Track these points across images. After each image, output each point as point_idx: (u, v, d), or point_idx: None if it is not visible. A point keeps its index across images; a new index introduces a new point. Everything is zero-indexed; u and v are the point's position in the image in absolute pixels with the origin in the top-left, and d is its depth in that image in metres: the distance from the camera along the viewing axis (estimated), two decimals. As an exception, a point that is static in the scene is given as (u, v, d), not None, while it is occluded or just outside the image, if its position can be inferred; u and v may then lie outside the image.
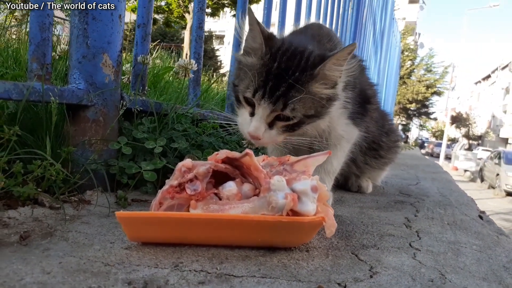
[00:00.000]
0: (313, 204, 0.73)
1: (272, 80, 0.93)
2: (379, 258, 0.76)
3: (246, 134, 1.00)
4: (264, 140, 0.99)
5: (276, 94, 0.93)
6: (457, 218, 1.18)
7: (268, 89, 0.93)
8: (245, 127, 0.99)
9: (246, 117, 1.00)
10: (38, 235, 0.75)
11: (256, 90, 0.95)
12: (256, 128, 0.96)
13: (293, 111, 0.95)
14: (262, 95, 0.94)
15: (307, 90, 0.94)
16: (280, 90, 0.93)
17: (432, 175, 2.53)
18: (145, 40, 1.38)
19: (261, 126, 0.96)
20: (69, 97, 1.06)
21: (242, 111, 1.02)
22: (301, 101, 0.94)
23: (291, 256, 0.73)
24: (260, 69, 0.96)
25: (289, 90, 0.93)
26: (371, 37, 5.56)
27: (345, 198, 1.38)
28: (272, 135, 0.99)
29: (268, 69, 0.95)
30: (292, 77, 0.93)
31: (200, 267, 0.65)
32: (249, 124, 0.98)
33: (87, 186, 1.08)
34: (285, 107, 0.94)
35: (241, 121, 1.02)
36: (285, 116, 0.96)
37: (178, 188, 0.77)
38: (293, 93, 0.93)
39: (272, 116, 0.97)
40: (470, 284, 0.67)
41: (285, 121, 0.97)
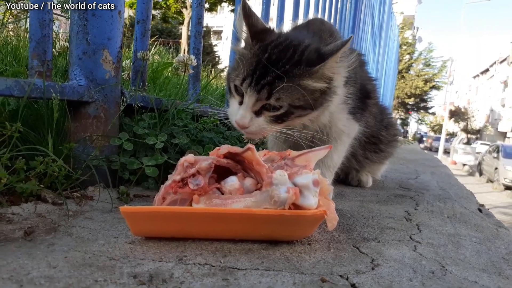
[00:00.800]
0: (315, 198, 0.74)
1: (260, 70, 0.95)
2: (380, 251, 0.77)
3: (234, 123, 1.00)
4: (252, 129, 0.99)
5: (262, 83, 0.94)
6: (456, 211, 1.19)
7: (255, 78, 0.95)
8: (233, 117, 1.00)
9: (235, 106, 1.01)
10: (42, 231, 0.76)
11: (244, 79, 0.96)
12: (242, 116, 0.97)
13: (278, 100, 0.95)
14: (249, 83, 0.95)
15: (295, 82, 0.95)
16: (266, 79, 0.94)
17: (431, 169, 2.54)
18: (145, 36, 1.38)
19: (247, 114, 0.97)
20: (70, 93, 1.06)
21: (232, 101, 1.03)
22: (287, 91, 0.95)
23: (293, 249, 0.74)
24: (251, 59, 0.98)
25: (276, 80, 0.94)
26: (370, 31, 5.55)
27: (346, 192, 1.39)
28: (259, 123, 0.99)
29: (258, 60, 0.97)
30: (282, 68, 0.94)
31: (204, 260, 0.66)
32: (236, 113, 0.99)
33: (89, 182, 1.08)
34: (269, 96, 0.95)
35: (230, 111, 1.03)
36: (271, 106, 0.97)
37: (180, 183, 0.77)
38: (279, 83, 0.94)
39: (259, 105, 0.97)
40: (470, 275, 0.68)
41: (272, 111, 0.98)
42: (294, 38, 1.02)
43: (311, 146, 1.19)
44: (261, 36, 1.01)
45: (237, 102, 1.01)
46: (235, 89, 1.01)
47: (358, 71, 1.25)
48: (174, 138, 1.26)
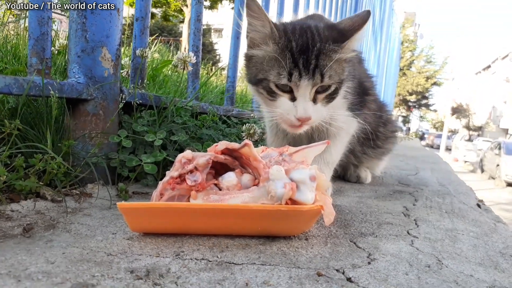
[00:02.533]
0: (312, 193, 0.74)
1: (301, 58, 0.94)
2: (377, 246, 0.77)
3: (294, 120, 0.97)
4: (314, 118, 0.98)
5: (311, 68, 0.94)
6: (455, 207, 1.19)
7: (301, 67, 0.94)
8: (291, 114, 0.97)
9: (287, 104, 0.98)
10: (41, 227, 0.76)
11: (291, 73, 0.94)
12: (305, 109, 0.96)
13: (331, 78, 0.97)
14: (298, 75, 0.94)
15: (334, 57, 0.96)
16: (312, 64, 0.94)
17: (432, 165, 2.54)
18: (144, 34, 1.39)
19: (308, 105, 0.97)
20: (69, 91, 1.07)
21: (280, 101, 0.99)
22: (332, 67, 0.97)
23: (290, 244, 0.75)
24: (282, 53, 0.96)
25: (319, 61, 0.95)
26: (370, 28, 5.54)
27: (344, 188, 1.39)
28: (319, 110, 1.00)
29: (290, 50, 0.95)
30: (315, 49, 0.95)
31: (201, 255, 0.66)
32: (294, 109, 0.97)
33: (88, 179, 1.09)
34: (323, 77, 0.95)
35: (283, 111, 0.99)
36: (324, 87, 0.98)
37: (178, 179, 0.78)
38: (324, 62, 0.95)
39: (313, 92, 0.97)
40: (466, 269, 0.68)
41: (324, 91, 0.99)
42: (300, 23, 1.04)
43: (310, 142, 1.20)
44: (278, 28, 0.99)
45: (287, 100, 0.98)
46: (278, 88, 0.98)
47: (357, 68, 1.25)
48: (173, 135, 1.26)
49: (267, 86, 0.99)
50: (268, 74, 0.98)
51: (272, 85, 0.98)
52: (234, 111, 1.94)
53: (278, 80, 0.96)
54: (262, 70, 1.00)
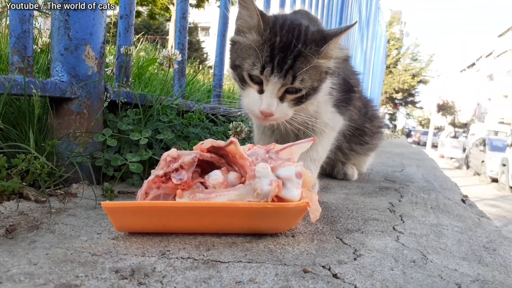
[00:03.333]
0: (298, 190, 0.74)
1: (279, 54, 0.94)
2: (363, 242, 0.77)
3: (257, 112, 0.98)
4: (277, 115, 0.98)
5: (285, 68, 0.94)
6: (440, 202, 1.21)
7: (276, 64, 0.94)
8: (255, 106, 0.98)
9: (254, 95, 0.99)
10: (24, 228, 0.75)
11: (264, 66, 0.95)
12: (268, 105, 0.96)
13: (302, 82, 0.96)
14: (271, 70, 0.94)
15: (312, 62, 0.96)
16: (288, 63, 0.94)
17: (417, 162, 2.57)
18: (128, 31, 1.37)
19: (273, 101, 0.97)
20: (52, 89, 1.05)
21: (249, 91, 1.00)
22: (308, 72, 0.96)
23: (277, 241, 0.75)
24: (263, 45, 0.96)
25: (296, 63, 0.94)
26: (357, 26, 5.57)
27: (331, 185, 1.40)
28: (284, 109, 0.99)
29: (271, 44, 0.95)
30: (296, 50, 0.95)
31: (187, 254, 0.66)
32: (259, 102, 0.97)
33: (73, 179, 1.07)
34: (294, 79, 0.95)
35: (249, 101, 1.01)
36: (294, 89, 0.98)
37: (164, 178, 0.77)
38: (300, 65, 0.95)
39: (282, 91, 0.97)
40: (451, 263, 0.69)
41: (294, 93, 0.99)
42: (293, 19, 1.03)
43: (297, 139, 1.20)
44: (266, 18, 0.99)
45: (255, 91, 0.99)
46: (250, 78, 0.99)
47: (342, 65, 1.26)
48: (159, 133, 1.25)
49: (240, 73, 1.00)
50: (244, 62, 0.98)
51: (245, 73, 0.99)
52: (221, 109, 1.94)
53: (250, 70, 0.97)
54: (240, 57, 1.00)
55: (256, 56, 0.96)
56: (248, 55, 0.98)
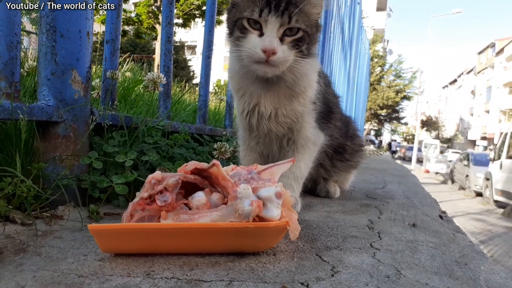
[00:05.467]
0: (278, 209, 0.77)
1: (274, 0, 1.05)
2: (341, 258, 0.80)
3: (260, 53, 1.04)
4: (280, 54, 1.04)
5: (280, 9, 1.04)
6: (418, 219, 1.25)
7: (272, 6, 1.04)
8: (257, 47, 1.04)
9: (255, 39, 1.06)
10: (11, 252, 0.76)
11: (262, 10, 1.04)
12: (270, 42, 1.03)
13: (298, 21, 1.06)
14: (268, 11, 1.04)
15: (302, 5, 1.07)
16: (282, 6, 1.05)
17: (399, 178, 2.63)
18: (114, 56, 1.41)
19: (274, 39, 1.04)
20: (39, 114, 1.07)
21: (249, 38, 1.07)
22: (300, 14, 1.07)
23: (258, 260, 0.77)
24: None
25: (289, 6, 1.05)
26: (340, 45, 5.69)
27: (314, 203, 1.43)
28: (284, 50, 1.06)
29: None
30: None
31: (171, 274, 0.68)
32: (261, 42, 1.04)
33: (59, 201, 1.09)
34: (290, 19, 1.05)
35: (250, 46, 1.06)
36: (291, 30, 1.07)
37: (148, 200, 0.80)
38: (293, 8, 1.06)
39: (281, 32, 1.06)
40: (423, 278, 0.72)
41: (292, 35, 1.07)
42: None
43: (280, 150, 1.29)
44: None
45: (255, 36, 1.06)
46: (249, 24, 1.07)
47: (325, 89, 1.33)
48: (144, 155, 1.28)
49: (240, 24, 1.08)
50: (243, 12, 1.08)
51: (244, 21, 1.07)
52: (207, 129, 1.97)
53: (250, 15, 1.06)
54: (238, 11, 1.11)
55: (254, 4, 1.06)
56: (247, 6, 1.08)
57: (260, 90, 1.19)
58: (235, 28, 1.11)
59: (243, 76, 1.19)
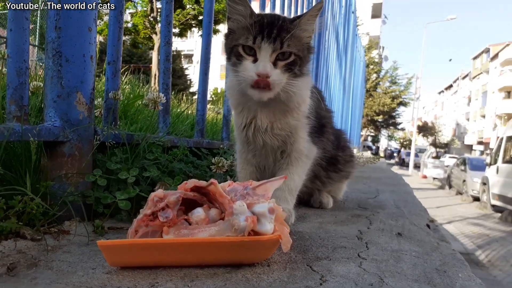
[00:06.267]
0: (271, 224, 0.84)
1: (267, 28, 1.14)
2: (330, 268, 0.87)
3: (255, 76, 1.12)
4: (273, 78, 1.13)
5: (272, 36, 1.13)
6: (405, 228, 1.32)
7: (265, 34, 1.13)
8: (252, 72, 1.13)
9: (249, 65, 1.14)
10: (24, 266, 0.83)
11: (256, 37, 1.13)
12: (264, 66, 1.12)
13: (289, 46, 1.14)
14: (261, 38, 1.12)
15: (292, 32, 1.15)
16: (274, 33, 1.13)
17: (392, 187, 2.69)
18: (115, 76, 1.48)
19: (267, 64, 1.12)
20: (46, 135, 1.14)
21: (244, 64, 1.15)
22: (291, 39, 1.15)
23: (254, 271, 0.84)
24: (254, 24, 1.16)
25: (281, 32, 1.14)
26: (335, 54, 5.79)
27: (307, 214, 1.50)
28: (277, 73, 1.14)
29: (260, 23, 1.16)
30: (279, 24, 1.16)
31: (174, 285, 0.75)
32: (255, 67, 1.13)
33: (65, 217, 1.15)
34: (282, 44, 1.13)
35: (245, 71, 1.15)
36: (284, 55, 1.15)
37: (151, 216, 0.86)
38: (284, 34, 1.14)
39: (274, 56, 1.14)
40: (403, 285, 0.79)
41: (284, 60, 1.15)
42: (273, 13, 1.27)
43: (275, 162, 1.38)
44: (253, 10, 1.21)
45: (250, 62, 1.14)
46: (244, 51, 1.16)
47: (318, 104, 1.41)
48: (146, 171, 1.34)
49: (237, 51, 1.17)
50: (239, 39, 1.17)
51: (240, 48, 1.16)
52: (204, 142, 2.04)
53: (245, 42, 1.15)
54: (235, 39, 1.19)
55: (248, 32, 1.15)
56: (242, 34, 1.17)
57: (257, 105, 1.27)
58: (232, 54, 1.19)
59: (241, 94, 1.27)
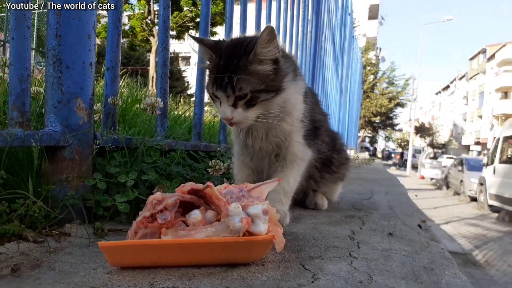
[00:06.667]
0: (265, 225, 0.88)
1: (220, 73, 1.18)
2: (322, 267, 0.91)
3: (223, 119, 1.24)
4: (236, 118, 1.20)
5: (223, 84, 1.17)
6: (397, 228, 1.36)
7: (218, 82, 1.18)
8: (220, 114, 1.24)
9: (218, 107, 1.24)
10: (27, 267, 0.86)
11: (213, 86, 1.20)
12: (224, 112, 1.20)
13: (241, 90, 1.16)
14: (217, 87, 1.19)
15: (245, 71, 1.16)
16: (225, 80, 1.16)
17: (387, 188, 2.73)
18: (114, 82, 1.51)
19: (227, 109, 1.19)
20: (47, 140, 1.17)
21: (216, 104, 1.25)
22: (244, 80, 1.16)
23: (249, 270, 0.88)
24: (212, 69, 1.23)
25: (231, 79, 1.15)
26: (331, 56, 5.84)
27: (302, 215, 1.54)
28: (240, 113, 1.19)
29: (217, 67, 1.20)
30: (232, 66, 1.17)
31: (172, 284, 0.78)
32: (220, 111, 1.23)
33: (66, 219, 1.18)
34: (233, 89, 1.16)
35: (218, 111, 1.26)
36: (240, 96, 1.17)
37: (150, 219, 0.90)
38: (235, 80, 1.15)
39: (232, 100, 1.18)
40: (391, 282, 0.83)
41: (242, 99, 1.18)
42: (237, 40, 1.27)
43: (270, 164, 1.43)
44: (217, 46, 1.26)
45: (218, 104, 1.22)
46: (213, 95, 1.23)
47: (313, 107, 1.45)
48: (144, 174, 1.38)
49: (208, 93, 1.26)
50: (207, 85, 1.26)
51: (209, 93, 1.25)
52: (202, 145, 2.07)
53: (209, 90, 1.24)
54: (207, 82, 1.28)
55: (210, 78, 1.24)
56: (209, 78, 1.25)
57: None
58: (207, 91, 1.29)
59: None
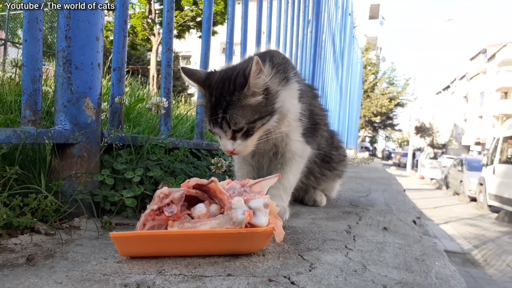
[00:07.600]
0: (266, 217, 0.93)
1: (214, 111, 1.22)
2: (319, 257, 0.96)
3: (224, 152, 1.28)
4: (237, 150, 1.25)
5: (218, 121, 1.21)
6: (392, 223, 1.41)
7: (213, 120, 1.23)
8: (222, 148, 1.29)
9: (219, 140, 1.29)
10: (41, 257, 0.92)
11: (209, 123, 1.26)
12: (224, 146, 1.26)
13: (237, 124, 1.20)
14: (213, 125, 1.24)
15: (239, 106, 1.19)
16: (220, 117, 1.20)
17: (384, 186, 2.79)
18: (121, 82, 1.57)
19: (227, 143, 1.24)
20: (58, 137, 1.23)
21: (217, 138, 1.30)
22: (238, 115, 1.19)
23: (250, 259, 0.93)
24: (206, 106, 1.27)
25: (226, 113, 1.19)
26: (331, 56, 5.89)
27: (301, 211, 1.59)
28: (239, 144, 1.25)
29: (210, 104, 1.24)
30: (224, 102, 1.19)
31: (179, 272, 0.84)
32: (221, 144, 1.28)
33: (75, 213, 1.24)
34: (229, 125, 1.21)
35: (220, 144, 1.30)
36: (235, 130, 1.22)
37: (157, 211, 0.96)
38: (230, 113, 1.19)
39: (230, 134, 1.23)
40: (383, 271, 0.88)
41: (239, 132, 1.23)
42: (226, 73, 1.28)
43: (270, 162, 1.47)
44: (207, 81, 1.28)
45: (219, 138, 1.28)
46: (211, 132, 1.29)
47: (312, 102, 1.49)
48: (149, 171, 1.43)
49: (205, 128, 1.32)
50: (203, 121, 1.32)
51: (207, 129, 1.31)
52: (204, 144, 2.13)
53: (206, 126, 1.31)
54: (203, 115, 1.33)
55: (205, 115, 1.29)
56: (205, 114, 1.29)
57: None
58: None
59: None
